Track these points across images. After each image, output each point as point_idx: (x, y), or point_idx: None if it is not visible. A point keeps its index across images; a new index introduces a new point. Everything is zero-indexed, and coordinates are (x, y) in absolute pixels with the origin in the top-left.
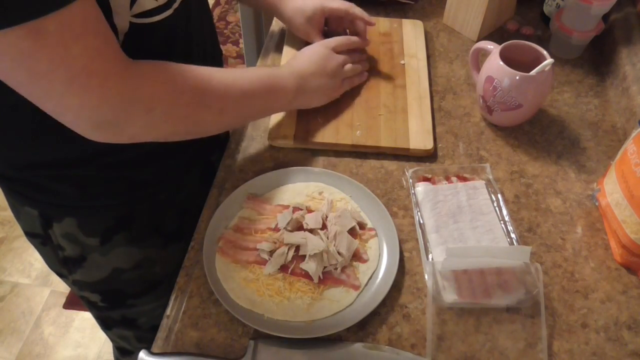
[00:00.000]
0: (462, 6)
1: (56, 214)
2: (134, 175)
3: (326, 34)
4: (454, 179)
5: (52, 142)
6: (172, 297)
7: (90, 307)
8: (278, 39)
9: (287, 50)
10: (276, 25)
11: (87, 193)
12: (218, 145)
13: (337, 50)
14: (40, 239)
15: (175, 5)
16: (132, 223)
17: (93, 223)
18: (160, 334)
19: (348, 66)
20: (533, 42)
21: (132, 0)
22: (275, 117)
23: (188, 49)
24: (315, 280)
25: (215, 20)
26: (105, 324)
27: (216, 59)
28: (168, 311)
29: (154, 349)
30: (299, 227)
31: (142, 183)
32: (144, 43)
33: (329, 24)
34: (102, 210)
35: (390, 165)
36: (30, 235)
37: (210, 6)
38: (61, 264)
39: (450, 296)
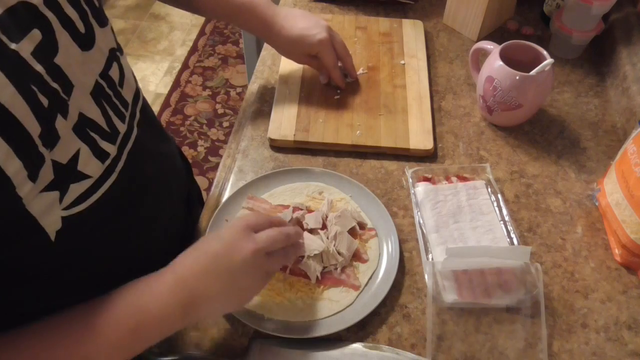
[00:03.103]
0: (462, 6)
1: None
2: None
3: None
4: (454, 179)
5: None
6: None
7: None
8: None
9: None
10: None
11: None
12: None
13: (259, 230)
14: None
15: (108, 184)
16: None
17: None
18: None
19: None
20: (533, 42)
21: (62, 192)
22: (275, 117)
23: (141, 224)
24: (315, 280)
25: (214, 21)
26: None
27: (190, 200)
28: None
29: (154, 349)
30: (299, 227)
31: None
32: (80, 233)
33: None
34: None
35: (390, 165)
36: None
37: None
38: None
39: (450, 296)
